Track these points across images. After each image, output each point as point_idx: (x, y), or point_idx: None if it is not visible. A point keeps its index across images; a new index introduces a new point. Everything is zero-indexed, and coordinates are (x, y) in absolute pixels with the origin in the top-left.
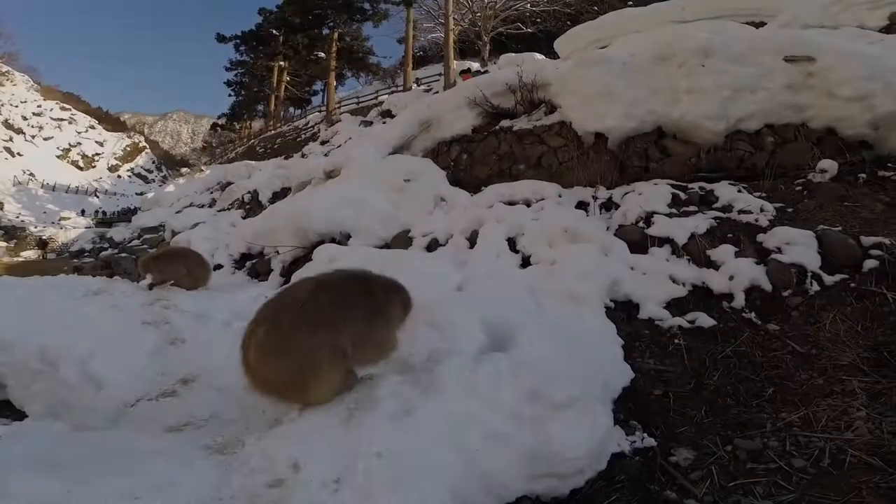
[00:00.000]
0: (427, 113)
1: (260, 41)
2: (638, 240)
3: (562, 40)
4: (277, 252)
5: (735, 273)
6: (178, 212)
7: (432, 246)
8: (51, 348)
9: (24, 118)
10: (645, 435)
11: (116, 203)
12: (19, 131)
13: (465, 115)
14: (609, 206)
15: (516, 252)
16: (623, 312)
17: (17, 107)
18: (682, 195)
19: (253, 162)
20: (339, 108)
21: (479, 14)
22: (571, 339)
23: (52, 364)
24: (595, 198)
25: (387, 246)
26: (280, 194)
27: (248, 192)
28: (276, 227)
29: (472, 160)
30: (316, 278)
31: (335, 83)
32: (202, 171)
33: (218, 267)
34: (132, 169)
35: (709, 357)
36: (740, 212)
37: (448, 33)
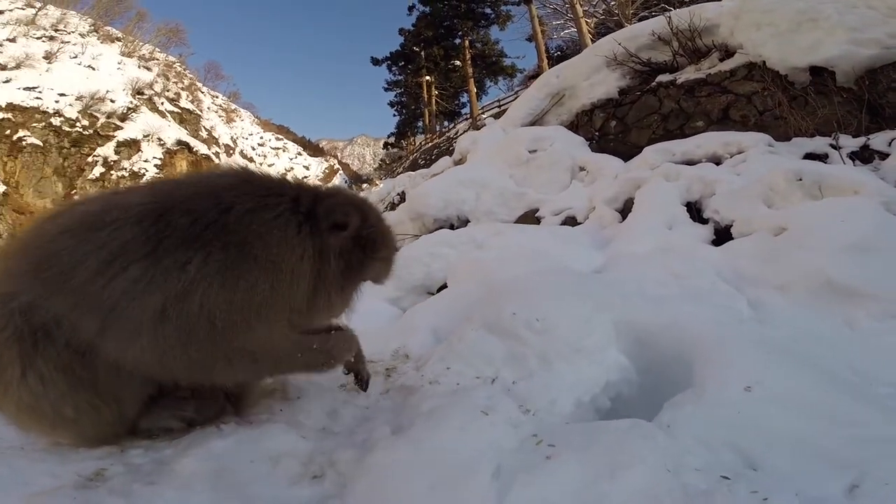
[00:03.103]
0: (557, 83)
1: (406, 59)
2: None
3: None
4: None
5: None
6: None
7: (569, 224)
8: None
9: (253, 148)
10: None
11: None
12: (251, 160)
13: (605, 78)
14: (865, 156)
15: (703, 221)
16: None
17: (246, 139)
18: None
19: (413, 173)
20: (482, 114)
21: (613, 2)
22: (846, 374)
23: None
24: (836, 146)
25: None
26: None
27: (398, 194)
28: (403, 220)
29: (625, 126)
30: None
31: (476, 90)
32: (377, 185)
33: None
34: None
35: None
36: None
37: (580, 24)
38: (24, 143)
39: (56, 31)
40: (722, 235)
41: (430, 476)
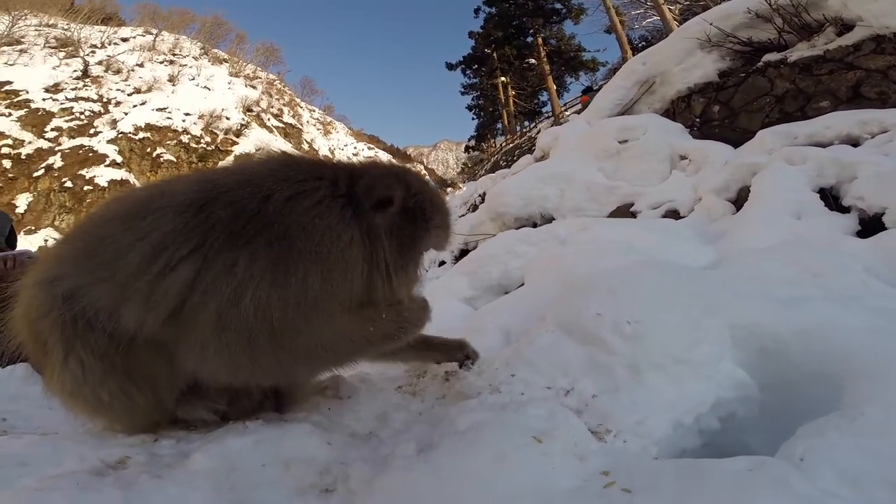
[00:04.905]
0: (644, 71)
1: (479, 62)
2: None
3: None
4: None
5: None
6: None
7: (670, 218)
8: None
9: (348, 158)
10: None
11: None
12: None
13: (701, 61)
14: None
15: (843, 209)
16: None
17: (342, 150)
18: None
19: (494, 174)
20: (565, 110)
21: None
22: None
23: None
24: None
25: None
26: None
27: (479, 195)
28: (483, 220)
29: (731, 110)
30: None
31: (556, 87)
32: (460, 188)
33: (441, 263)
34: None
35: None
36: None
37: (662, 11)
38: (161, 159)
39: (173, 55)
40: (869, 225)
41: None
